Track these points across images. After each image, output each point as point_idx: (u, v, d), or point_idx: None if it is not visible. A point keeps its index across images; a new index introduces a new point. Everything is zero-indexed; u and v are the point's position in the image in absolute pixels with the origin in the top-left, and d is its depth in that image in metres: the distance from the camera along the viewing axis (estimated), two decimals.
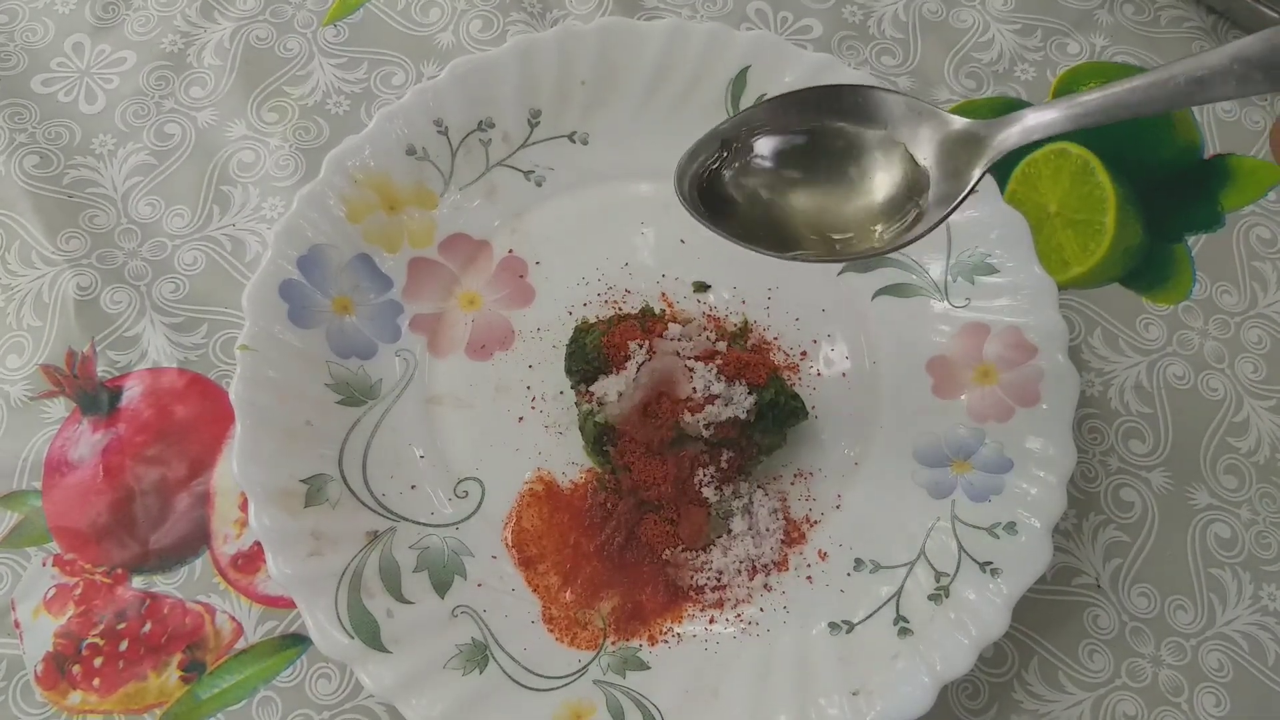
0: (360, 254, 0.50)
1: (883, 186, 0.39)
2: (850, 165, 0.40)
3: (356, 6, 0.61)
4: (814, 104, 0.40)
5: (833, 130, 0.40)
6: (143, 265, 0.53)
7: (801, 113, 0.40)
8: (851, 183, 0.40)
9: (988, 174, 0.36)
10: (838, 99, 0.40)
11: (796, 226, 0.40)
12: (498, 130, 0.53)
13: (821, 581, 0.45)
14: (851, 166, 0.40)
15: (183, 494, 0.48)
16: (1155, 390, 0.52)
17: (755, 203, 0.40)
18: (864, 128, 0.39)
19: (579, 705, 0.42)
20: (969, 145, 0.37)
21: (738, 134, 0.40)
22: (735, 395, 0.45)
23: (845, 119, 0.39)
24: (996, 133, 0.36)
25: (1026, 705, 0.45)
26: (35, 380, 0.50)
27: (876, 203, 0.40)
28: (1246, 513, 0.49)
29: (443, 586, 0.44)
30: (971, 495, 0.46)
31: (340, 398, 0.47)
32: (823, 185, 0.40)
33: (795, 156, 0.40)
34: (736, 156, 0.40)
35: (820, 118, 0.40)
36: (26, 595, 0.46)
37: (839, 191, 0.40)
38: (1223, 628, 0.47)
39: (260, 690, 0.45)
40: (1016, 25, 0.61)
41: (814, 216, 0.40)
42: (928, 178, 0.38)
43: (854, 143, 0.40)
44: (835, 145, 0.40)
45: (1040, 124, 0.35)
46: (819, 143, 0.40)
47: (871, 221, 0.39)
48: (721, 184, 0.40)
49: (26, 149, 0.56)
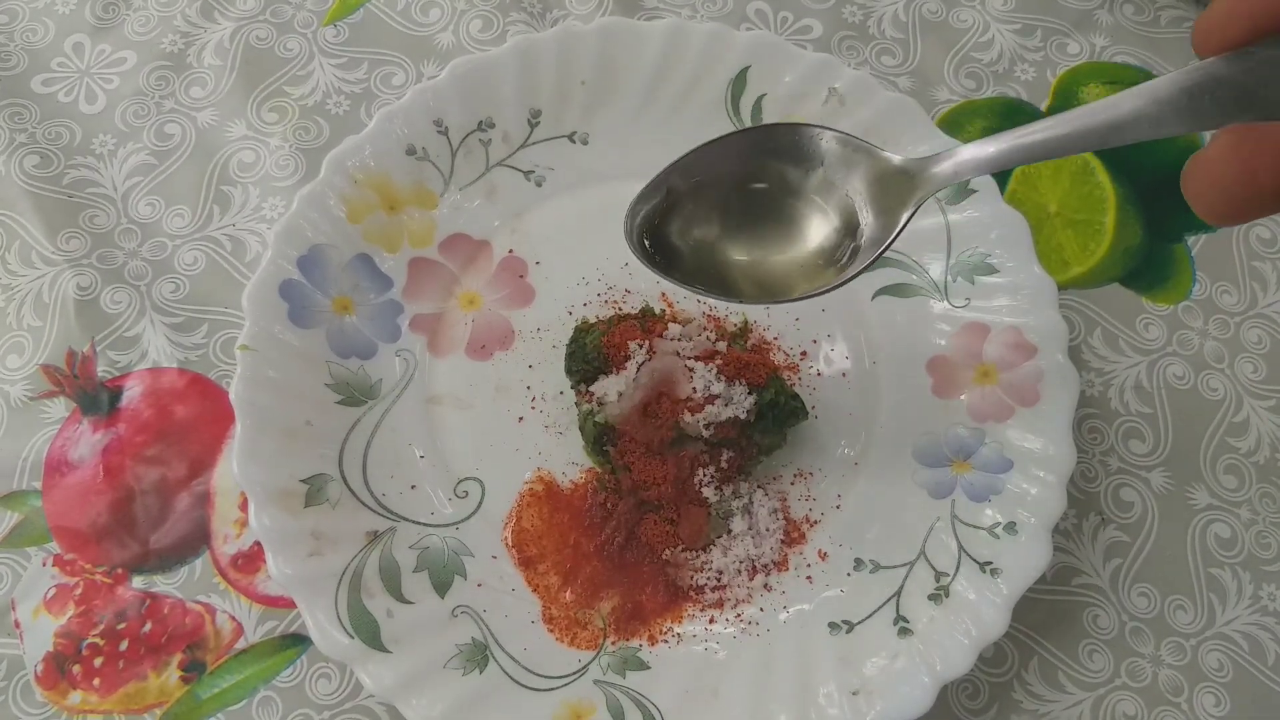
0: (360, 254, 0.50)
1: (819, 227, 0.39)
2: (787, 207, 0.40)
3: (356, 6, 0.61)
4: (749, 147, 0.39)
5: (769, 171, 0.39)
6: (143, 265, 0.53)
7: (738, 155, 0.39)
8: (788, 225, 0.40)
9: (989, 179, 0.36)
10: (772, 139, 0.39)
11: (736, 270, 0.40)
12: (498, 130, 0.53)
13: (821, 581, 0.45)
14: (788, 208, 0.40)
15: (183, 494, 0.48)
16: (1155, 390, 0.52)
17: (697, 249, 0.40)
18: (799, 168, 0.39)
19: (579, 705, 0.42)
20: (901, 183, 0.37)
21: (678, 181, 0.40)
22: (735, 395, 0.45)
23: (781, 160, 0.39)
24: (927, 171, 0.36)
25: (1026, 705, 0.45)
26: (35, 380, 0.50)
27: (813, 244, 0.39)
28: (1246, 513, 0.49)
29: (443, 586, 0.44)
30: (971, 495, 0.46)
31: (340, 398, 0.47)
32: (759, 229, 0.40)
33: (732, 201, 0.40)
34: (677, 204, 0.40)
35: (756, 160, 0.39)
36: (27, 595, 0.46)
37: (776, 234, 0.40)
38: (1222, 628, 0.47)
39: (260, 690, 0.45)
40: (1016, 25, 0.61)
41: (751, 261, 0.40)
42: (861, 217, 0.38)
43: (790, 184, 0.39)
44: (771, 188, 0.40)
45: (970, 162, 0.35)
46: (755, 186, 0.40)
47: (809, 262, 0.39)
48: (666, 231, 0.40)
49: (27, 149, 0.56)
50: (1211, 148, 0.27)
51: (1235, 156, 0.27)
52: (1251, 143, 0.26)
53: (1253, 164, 0.26)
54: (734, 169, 0.40)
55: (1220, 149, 0.27)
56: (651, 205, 0.40)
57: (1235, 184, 0.27)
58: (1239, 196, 0.27)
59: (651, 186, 0.39)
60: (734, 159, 0.39)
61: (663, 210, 0.40)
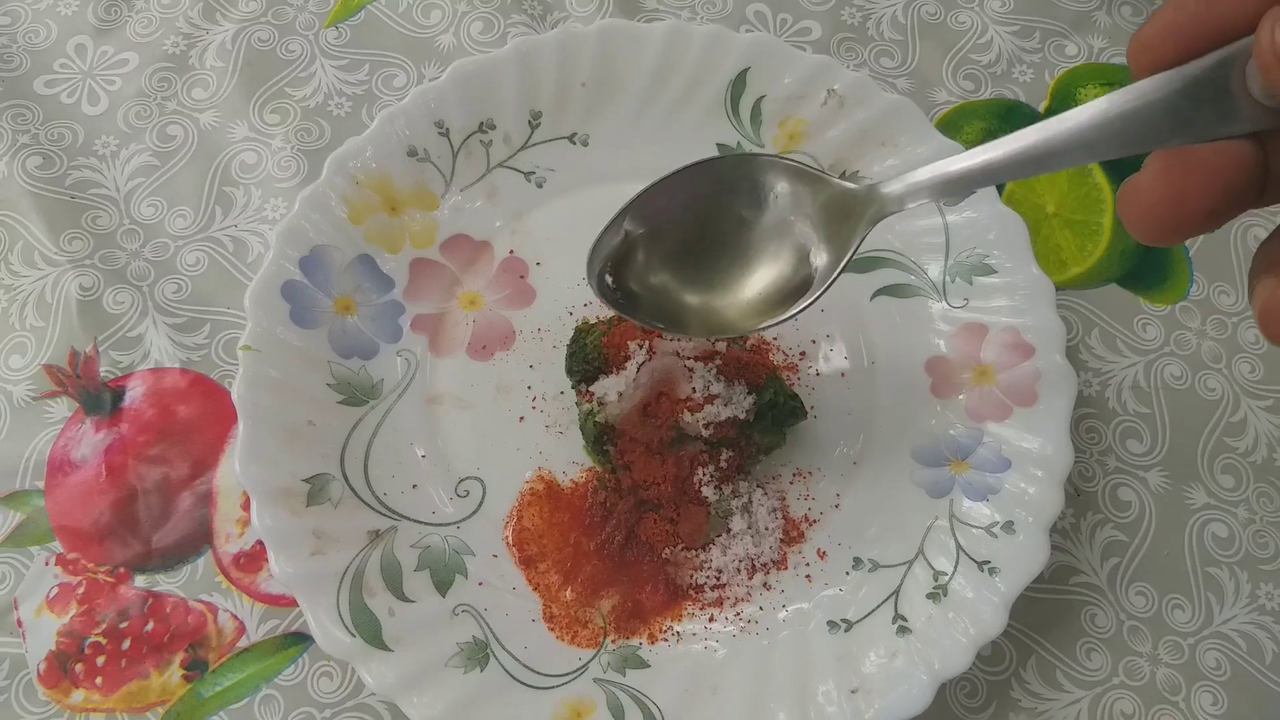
0: (362, 255, 0.50)
1: (774, 257, 0.40)
2: (742, 240, 0.40)
3: (358, 8, 0.61)
4: (702, 181, 0.39)
5: (722, 204, 0.40)
6: (145, 266, 0.53)
7: (691, 192, 0.39)
8: (744, 258, 0.40)
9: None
10: (724, 171, 0.39)
11: (694, 309, 0.41)
12: (499, 132, 0.53)
13: (820, 580, 0.46)
14: (743, 241, 0.40)
15: (185, 493, 0.48)
16: (1153, 390, 0.52)
17: (656, 291, 0.41)
18: (752, 198, 0.39)
19: (579, 703, 0.42)
20: (850, 210, 0.37)
21: (634, 224, 0.40)
22: (735, 395, 0.45)
23: (734, 192, 0.39)
24: (874, 197, 0.36)
25: (1024, 703, 0.46)
26: (38, 380, 0.51)
27: (769, 275, 0.40)
28: (1244, 512, 0.50)
29: (444, 585, 0.44)
30: (970, 494, 0.46)
31: (342, 397, 0.47)
32: (716, 264, 0.41)
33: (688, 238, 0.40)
34: (635, 247, 0.41)
35: (709, 194, 0.39)
36: (29, 594, 0.46)
37: (733, 269, 0.40)
38: (1220, 627, 0.47)
39: (262, 688, 0.45)
40: (1014, 27, 0.62)
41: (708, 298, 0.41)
42: (814, 245, 0.39)
43: (743, 215, 0.40)
44: (726, 221, 0.40)
45: (914, 189, 0.35)
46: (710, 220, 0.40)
47: (767, 292, 0.40)
48: (626, 274, 0.41)
49: (29, 150, 0.56)
50: (1143, 174, 0.27)
51: (1164, 183, 0.27)
52: (1178, 169, 0.27)
53: (1181, 190, 0.27)
54: (687, 204, 0.40)
55: (1150, 176, 0.27)
56: (611, 248, 0.40)
57: (1165, 209, 0.27)
58: (1169, 221, 0.27)
59: (610, 229, 0.40)
60: (687, 195, 0.39)
61: (621, 254, 0.40)
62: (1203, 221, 0.27)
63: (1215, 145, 0.26)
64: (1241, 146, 0.26)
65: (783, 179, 0.39)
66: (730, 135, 0.54)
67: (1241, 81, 0.26)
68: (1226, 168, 0.26)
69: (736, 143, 0.54)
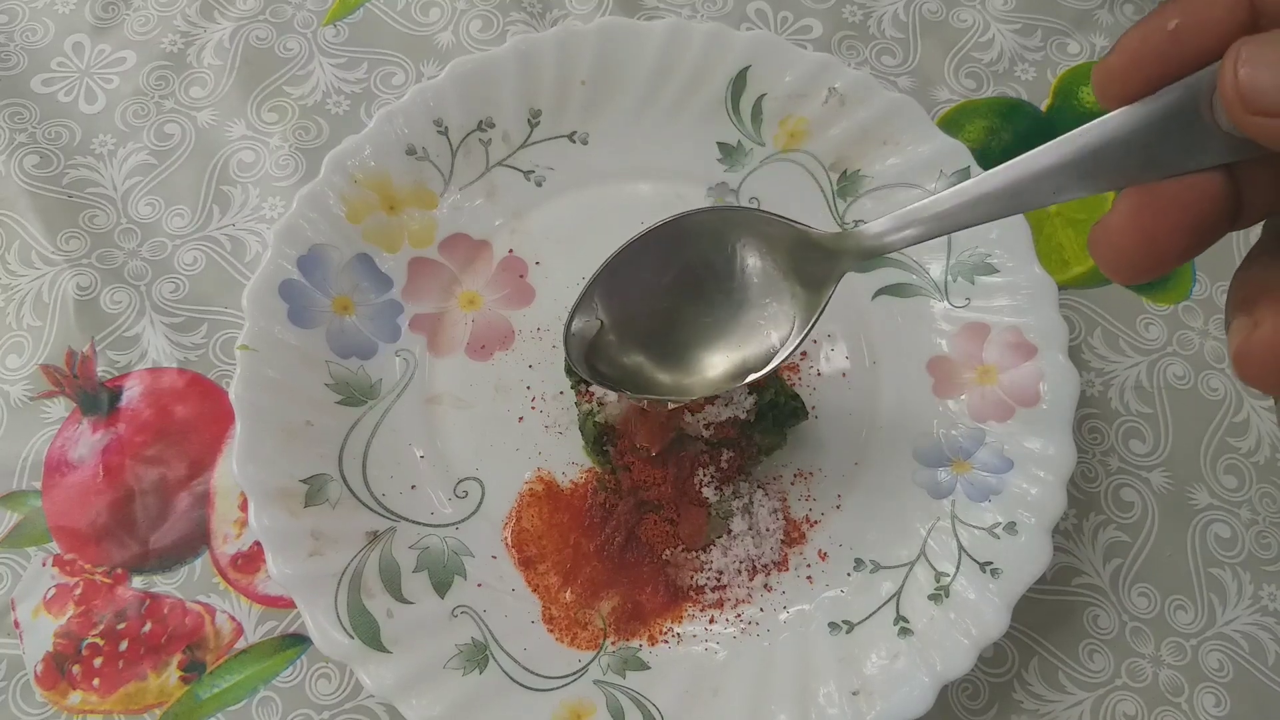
0: (360, 254, 0.50)
1: (751, 310, 0.40)
2: (718, 298, 0.40)
3: (356, 6, 0.61)
4: (669, 239, 0.39)
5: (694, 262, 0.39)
6: (142, 265, 0.53)
7: (660, 253, 0.39)
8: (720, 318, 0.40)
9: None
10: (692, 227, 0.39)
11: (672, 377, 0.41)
12: (498, 130, 0.53)
13: (821, 581, 0.45)
14: (719, 299, 0.40)
15: (183, 494, 0.48)
16: (1155, 390, 0.52)
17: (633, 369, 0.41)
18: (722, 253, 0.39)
19: (579, 705, 0.42)
20: (822, 256, 0.37)
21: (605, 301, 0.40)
22: (735, 395, 0.45)
23: (704, 246, 0.39)
24: (846, 247, 0.36)
25: (1026, 705, 0.45)
26: (35, 380, 0.50)
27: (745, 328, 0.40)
28: (1246, 513, 0.49)
29: (443, 586, 0.44)
30: (971, 495, 0.46)
31: (340, 398, 0.47)
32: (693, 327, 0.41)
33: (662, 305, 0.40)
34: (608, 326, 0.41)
35: (679, 252, 0.39)
36: (26, 595, 0.46)
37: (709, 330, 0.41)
38: (1223, 628, 0.47)
39: (260, 690, 0.45)
40: (1016, 25, 0.61)
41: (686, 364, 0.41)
42: (789, 293, 0.39)
43: (716, 271, 0.40)
44: (698, 279, 0.40)
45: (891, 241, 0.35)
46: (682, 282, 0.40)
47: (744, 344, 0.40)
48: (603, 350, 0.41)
49: (26, 149, 0.56)
50: (1113, 215, 0.27)
51: (1135, 224, 0.26)
52: (1149, 208, 0.26)
53: (1152, 230, 0.26)
54: (658, 266, 0.40)
55: (1120, 217, 0.27)
56: (584, 327, 0.40)
57: (1137, 251, 0.27)
58: (1143, 263, 0.27)
59: (581, 304, 0.40)
60: (656, 257, 0.39)
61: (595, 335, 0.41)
62: (1176, 258, 0.26)
63: (1185, 180, 0.26)
64: (1211, 179, 0.26)
65: (753, 230, 0.39)
66: (731, 134, 0.54)
67: (1210, 111, 0.25)
68: (1197, 203, 0.26)
69: (737, 141, 0.54)
